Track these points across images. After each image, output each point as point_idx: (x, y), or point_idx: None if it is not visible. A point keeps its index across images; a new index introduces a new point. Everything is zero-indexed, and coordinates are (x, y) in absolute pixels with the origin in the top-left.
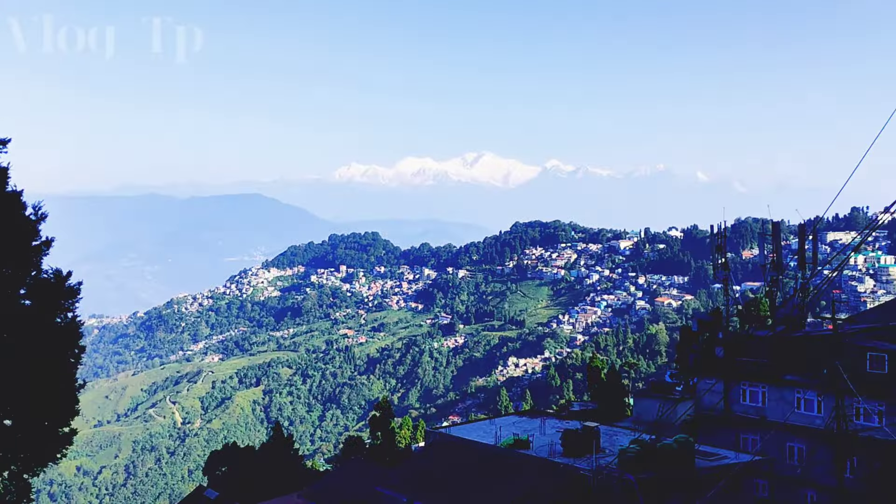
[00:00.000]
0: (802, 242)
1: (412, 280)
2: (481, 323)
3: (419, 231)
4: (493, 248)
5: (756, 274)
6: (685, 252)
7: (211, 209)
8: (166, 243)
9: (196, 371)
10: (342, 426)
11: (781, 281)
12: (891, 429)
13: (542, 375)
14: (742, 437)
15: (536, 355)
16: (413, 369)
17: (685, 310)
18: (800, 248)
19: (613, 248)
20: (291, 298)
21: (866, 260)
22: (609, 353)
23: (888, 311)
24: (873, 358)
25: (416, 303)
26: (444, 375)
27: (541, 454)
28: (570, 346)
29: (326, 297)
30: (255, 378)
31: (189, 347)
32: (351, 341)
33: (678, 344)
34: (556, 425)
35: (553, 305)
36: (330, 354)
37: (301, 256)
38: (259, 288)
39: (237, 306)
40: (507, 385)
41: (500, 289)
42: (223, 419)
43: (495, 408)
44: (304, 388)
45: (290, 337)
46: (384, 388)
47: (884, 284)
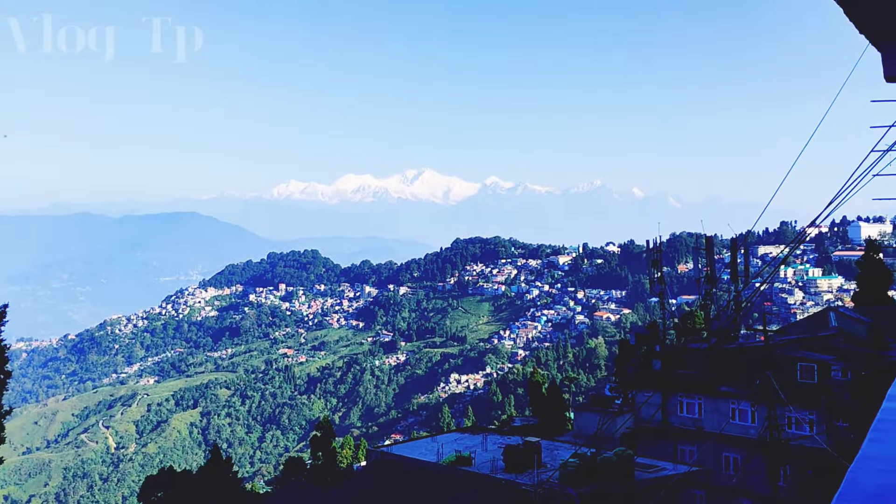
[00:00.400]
0: (735, 256)
1: (353, 298)
2: (423, 340)
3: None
4: (435, 265)
5: (691, 287)
6: (622, 266)
7: (146, 228)
8: (99, 263)
9: (130, 394)
10: (282, 447)
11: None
12: (821, 437)
13: (484, 391)
14: (680, 448)
15: (478, 371)
16: (354, 388)
17: (623, 323)
18: (732, 261)
19: (553, 263)
20: (230, 318)
21: (795, 273)
22: (550, 367)
23: (817, 322)
24: (803, 368)
25: (357, 321)
26: (385, 393)
27: (483, 470)
28: (511, 362)
29: (265, 317)
30: (192, 400)
31: (123, 370)
32: (291, 361)
33: (617, 357)
34: (497, 441)
35: (494, 321)
36: (269, 374)
37: (239, 275)
38: (196, 308)
39: (173, 327)
40: (449, 402)
41: (442, 305)
42: (159, 443)
43: (437, 425)
44: (242, 409)
45: (229, 357)
46: (325, 408)
47: (812, 296)
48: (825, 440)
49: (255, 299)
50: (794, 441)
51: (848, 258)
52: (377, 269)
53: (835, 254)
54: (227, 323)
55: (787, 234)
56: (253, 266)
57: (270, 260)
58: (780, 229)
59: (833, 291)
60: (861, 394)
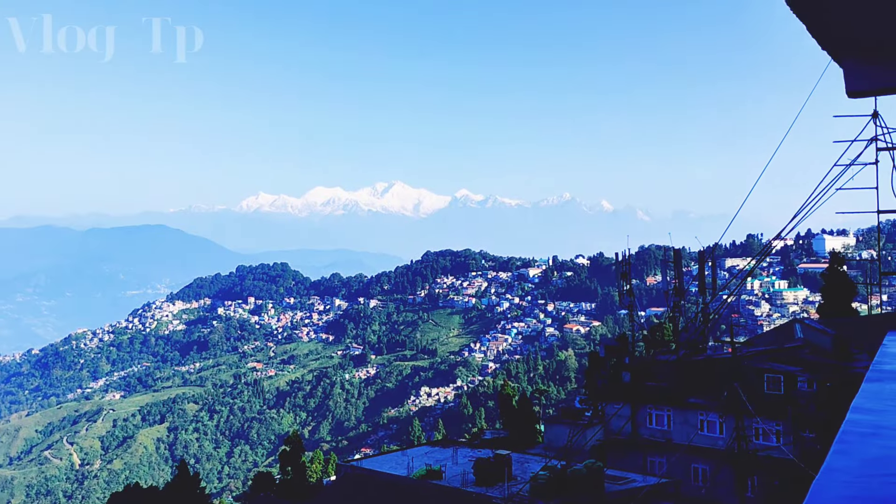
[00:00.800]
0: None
1: (323, 311)
2: (393, 353)
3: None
4: (405, 278)
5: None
6: (592, 279)
7: (112, 241)
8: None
9: (96, 409)
10: (251, 462)
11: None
12: (788, 448)
13: (454, 404)
14: (649, 459)
15: (449, 384)
16: (324, 402)
17: (593, 336)
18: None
19: (523, 275)
20: (198, 332)
21: (762, 285)
22: (520, 380)
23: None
24: (770, 379)
25: (326, 334)
26: (355, 407)
27: (453, 484)
28: (482, 375)
29: (234, 330)
30: (159, 415)
31: (88, 385)
32: (260, 375)
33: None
34: (468, 454)
35: (465, 334)
36: (238, 389)
37: (207, 288)
38: (163, 322)
39: (140, 341)
40: (419, 415)
41: (412, 318)
42: (125, 459)
43: (408, 438)
44: (211, 424)
45: (197, 371)
46: (294, 422)
47: (779, 308)
48: (792, 451)
49: (224, 313)
50: (761, 452)
51: (813, 270)
52: (347, 282)
53: (800, 266)
54: (195, 337)
55: (754, 247)
56: (221, 279)
57: (239, 273)
58: (747, 242)
59: (799, 303)
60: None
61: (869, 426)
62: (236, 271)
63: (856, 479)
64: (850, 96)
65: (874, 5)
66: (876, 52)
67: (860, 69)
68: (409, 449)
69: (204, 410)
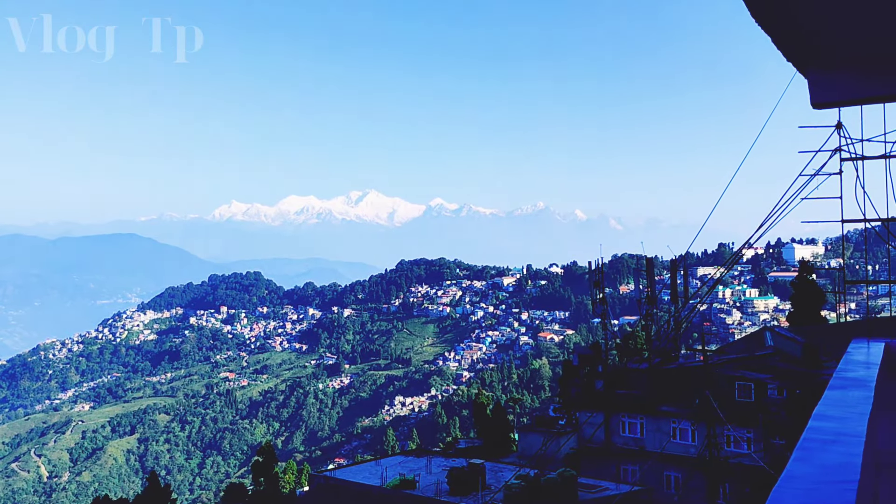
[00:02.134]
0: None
1: (296, 320)
2: (367, 362)
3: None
4: (379, 287)
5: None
6: (566, 288)
7: (82, 250)
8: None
9: (64, 421)
10: (223, 473)
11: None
12: (759, 455)
13: (428, 414)
14: (623, 468)
15: (423, 393)
16: (297, 412)
17: (567, 344)
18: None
19: (497, 284)
20: (169, 342)
21: (733, 293)
22: (495, 388)
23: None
24: (741, 387)
25: (300, 343)
26: (329, 417)
27: (427, 493)
28: (456, 384)
29: (206, 340)
30: (129, 426)
31: (57, 396)
32: (232, 385)
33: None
34: (442, 464)
35: (439, 343)
36: (210, 399)
37: (179, 298)
38: (134, 332)
39: (110, 351)
40: (393, 425)
41: (387, 327)
42: (94, 471)
43: (382, 448)
44: (182, 435)
45: (168, 382)
46: (267, 432)
47: (749, 316)
48: (763, 458)
49: (196, 322)
50: (732, 459)
51: (783, 279)
52: (321, 291)
53: (770, 275)
54: (166, 347)
55: (725, 256)
56: (193, 288)
57: (212, 282)
58: (719, 251)
59: (769, 311)
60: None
61: (830, 433)
62: (208, 280)
63: (815, 486)
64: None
65: (838, 18)
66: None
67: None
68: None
69: (175, 421)
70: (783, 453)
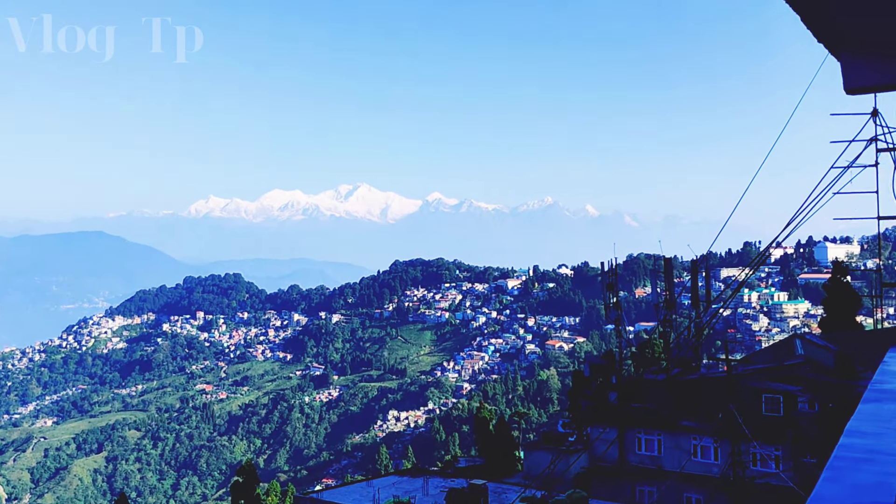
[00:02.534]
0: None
1: (280, 327)
2: (358, 373)
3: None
4: (371, 290)
5: (649, 313)
6: (576, 291)
7: (45, 249)
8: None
9: (25, 437)
10: (200, 495)
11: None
12: (788, 474)
13: (425, 429)
14: (638, 488)
15: (420, 407)
16: (281, 427)
17: (577, 353)
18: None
19: (501, 287)
20: (140, 350)
21: (760, 297)
22: (498, 402)
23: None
24: (768, 400)
25: (284, 352)
26: (316, 433)
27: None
28: (455, 396)
29: (181, 349)
30: (96, 443)
31: (17, 410)
32: (210, 398)
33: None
34: (440, 484)
35: (437, 351)
36: (185, 413)
37: (151, 302)
38: (102, 339)
39: (75, 361)
40: (387, 441)
41: (379, 334)
42: (57, 492)
43: (374, 467)
44: (154, 453)
45: (139, 394)
46: (248, 450)
47: (778, 322)
48: (792, 477)
49: (170, 329)
50: (759, 479)
51: (814, 281)
52: (307, 295)
53: (801, 276)
54: (137, 356)
55: (751, 256)
56: (167, 292)
57: (187, 285)
58: (744, 250)
59: (799, 317)
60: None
61: (863, 451)
62: (183, 283)
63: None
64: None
65: None
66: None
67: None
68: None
69: (147, 438)
70: (814, 472)
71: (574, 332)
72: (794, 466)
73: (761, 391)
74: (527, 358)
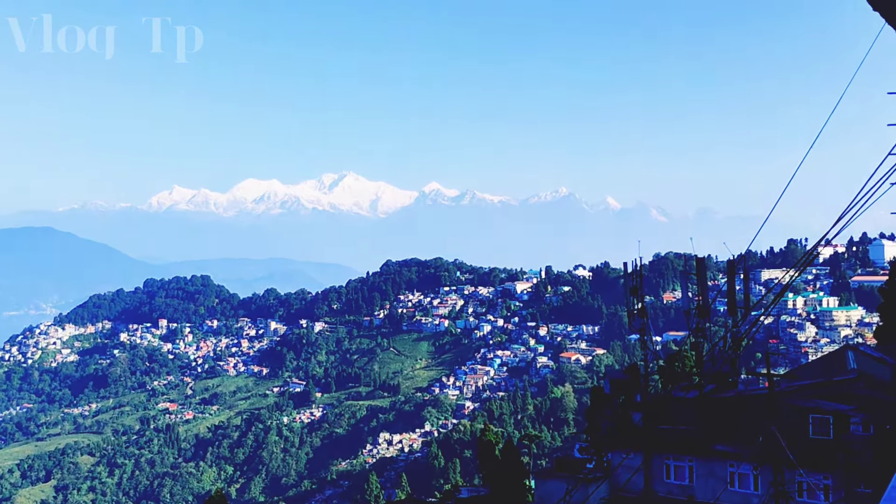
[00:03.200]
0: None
1: (254, 337)
2: (344, 390)
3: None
4: (359, 294)
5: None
6: (595, 296)
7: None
8: None
9: None
10: None
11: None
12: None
13: (422, 454)
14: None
15: (415, 429)
16: (256, 452)
17: (596, 367)
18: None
19: (508, 291)
20: (94, 364)
21: (807, 302)
22: (505, 423)
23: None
24: (816, 421)
25: (259, 366)
26: (296, 459)
27: None
28: (456, 417)
29: (141, 362)
30: (43, 470)
31: None
32: (174, 418)
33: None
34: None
35: (435, 365)
36: (146, 436)
37: (107, 308)
38: (50, 351)
39: (20, 376)
40: (377, 468)
41: (369, 345)
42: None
43: (363, 498)
44: (111, 482)
45: (93, 414)
46: (219, 478)
47: (827, 331)
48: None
49: (128, 339)
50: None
51: (869, 284)
52: (286, 300)
53: (853, 279)
54: (90, 370)
55: (797, 255)
56: (125, 296)
57: (147, 288)
58: (788, 249)
59: (852, 325)
60: (885, 453)
61: None
62: (144, 286)
63: None
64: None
65: None
66: None
67: None
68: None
69: (102, 464)
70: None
71: (592, 343)
72: (845, 497)
73: (808, 411)
74: (538, 372)
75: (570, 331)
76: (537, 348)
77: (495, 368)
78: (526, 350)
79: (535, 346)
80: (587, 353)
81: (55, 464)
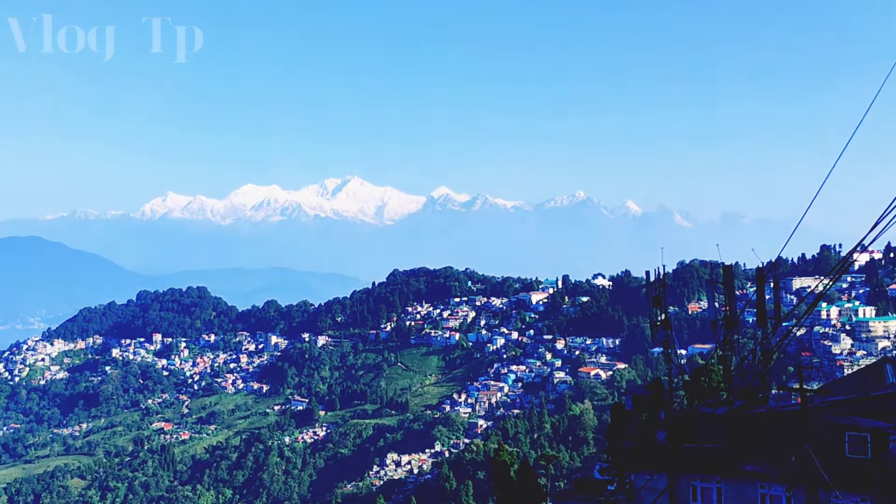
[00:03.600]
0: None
1: (254, 352)
2: (349, 408)
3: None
4: (365, 306)
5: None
6: (615, 306)
7: None
8: None
9: None
10: None
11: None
12: None
13: (432, 476)
14: None
15: (425, 449)
16: (256, 474)
17: (617, 382)
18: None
19: (523, 302)
20: (85, 381)
21: (841, 312)
22: (520, 442)
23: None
24: (853, 439)
25: (259, 383)
26: (298, 481)
27: None
28: (468, 436)
29: (134, 379)
30: (31, 494)
31: None
32: (169, 438)
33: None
34: None
35: (445, 381)
36: (140, 458)
37: (98, 322)
38: (38, 368)
39: (6, 394)
40: (385, 491)
41: (375, 360)
42: None
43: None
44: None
45: (83, 435)
46: (216, 503)
47: (863, 343)
48: None
49: (120, 355)
50: None
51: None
52: (287, 313)
53: (891, 287)
54: (81, 388)
55: (831, 262)
56: (117, 310)
57: (141, 301)
58: (821, 255)
59: (890, 336)
60: None
61: None
62: (137, 299)
63: None
64: None
65: None
66: None
67: None
68: None
69: (93, 488)
70: None
71: (613, 357)
72: None
73: (844, 428)
74: (555, 388)
75: (589, 344)
76: (554, 363)
77: (509, 384)
78: (542, 364)
79: (551, 361)
80: (607, 367)
81: (44, 487)
